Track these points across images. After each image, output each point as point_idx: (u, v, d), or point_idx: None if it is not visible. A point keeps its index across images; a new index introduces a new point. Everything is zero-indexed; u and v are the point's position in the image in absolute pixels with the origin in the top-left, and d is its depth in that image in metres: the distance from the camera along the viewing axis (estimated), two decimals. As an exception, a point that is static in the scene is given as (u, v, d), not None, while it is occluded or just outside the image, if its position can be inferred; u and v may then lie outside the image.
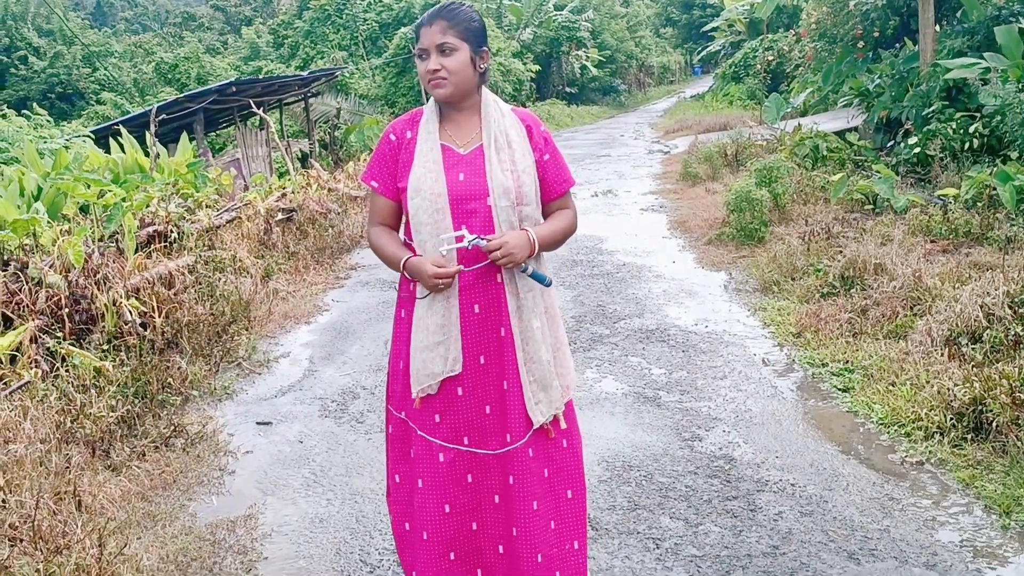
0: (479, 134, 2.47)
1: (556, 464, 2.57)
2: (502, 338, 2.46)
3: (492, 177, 2.40)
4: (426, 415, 2.50)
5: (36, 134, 11.25)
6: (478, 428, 2.49)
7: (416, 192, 2.40)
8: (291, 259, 7.95)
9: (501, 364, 2.47)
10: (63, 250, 5.21)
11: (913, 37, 11.19)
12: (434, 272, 2.34)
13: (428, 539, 2.53)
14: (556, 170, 2.55)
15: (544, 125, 2.59)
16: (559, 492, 2.58)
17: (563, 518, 2.60)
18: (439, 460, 2.50)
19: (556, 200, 2.56)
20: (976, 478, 3.49)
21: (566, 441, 2.58)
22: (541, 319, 2.48)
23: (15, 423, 3.71)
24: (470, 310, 2.43)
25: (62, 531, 3.13)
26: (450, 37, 2.38)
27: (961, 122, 8.50)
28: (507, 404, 2.47)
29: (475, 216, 2.40)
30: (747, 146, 12.53)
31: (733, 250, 7.84)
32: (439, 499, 2.51)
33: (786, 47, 21.29)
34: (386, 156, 2.53)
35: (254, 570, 3.14)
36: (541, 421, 2.48)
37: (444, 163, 2.42)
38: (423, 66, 2.41)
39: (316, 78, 16.76)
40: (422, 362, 2.44)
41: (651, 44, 48.65)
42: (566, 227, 2.56)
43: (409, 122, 2.54)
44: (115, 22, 51.81)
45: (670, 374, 4.93)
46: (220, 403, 4.80)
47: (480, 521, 2.55)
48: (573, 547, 2.61)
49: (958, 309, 4.68)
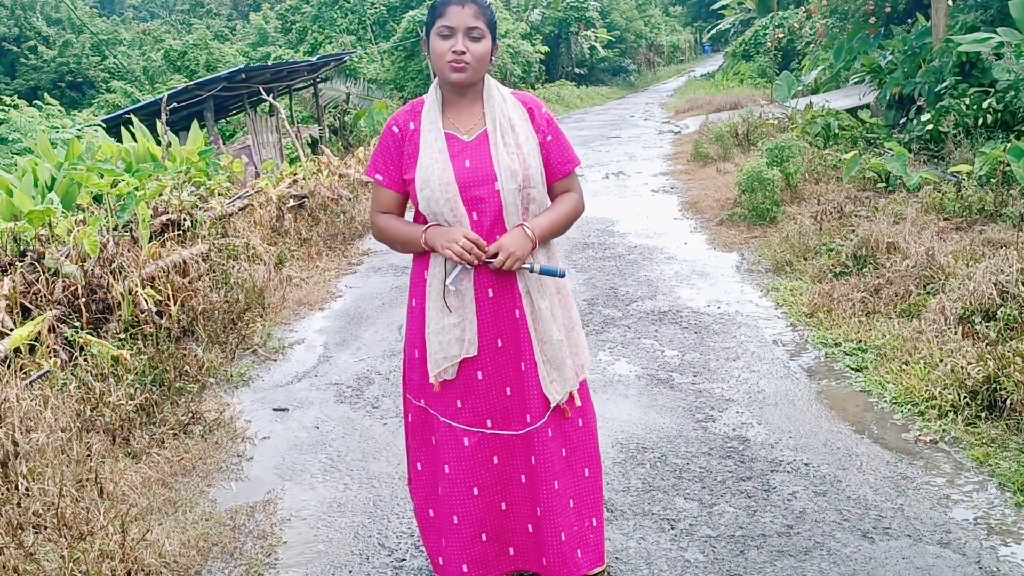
0: (482, 120, 2.47)
1: (573, 443, 2.61)
2: (517, 320, 2.48)
3: (499, 161, 2.40)
4: (448, 401, 2.53)
5: (48, 124, 11.30)
6: (500, 410, 2.52)
7: (425, 183, 2.40)
8: (304, 246, 7.99)
9: (517, 345, 2.49)
10: (78, 240, 5.25)
11: (925, 12, 11.07)
12: (461, 232, 2.35)
13: (459, 523, 2.57)
14: (560, 151, 2.54)
15: (545, 107, 2.59)
16: (576, 471, 2.62)
17: (581, 496, 2.64)
18: (464, 444, 2.53)
19: (560, 181, 2.56)
20: (990, 456, 3.49)
21: (582, 420, 2.62)
22: (551, 299, 2.50)
23: (36, 412, 3.76)
24: (484, 294, 2.45)
25: (85, 518, 3.18)
26: (480, 23, 2.36)
27: (974, 98, 8.42)
28: (525, 385, 2.50)
29: (484, 202, 2.41)
30: (758, 125, 12.47)
31: (745, 230, 7.83)
32: (467, 483, 2.54)
33: (797, 24, 21.11)
34: (390, 149, 2.52)
35: (274, 554, 3.18)
36: (557, 400, 2.51)
37: (449, 151, 2.42)
38: (446, 44, 2.36)
39: (325, 63, 16.73)
40: (438, 344, 2.46)
41: (660, 23, 48.36)
42: (569, 212, 2.55)
43: (411, 113, 2.53)
44: (123, 10, 51.79)
45: (683, 356, 4.94)
46: (237, 390, 4.84)
47: (508, 501, 2.59)
48: (591, 524, 2.66)
49: (972, 287, 4.66)
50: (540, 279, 2.47)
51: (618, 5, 39.85)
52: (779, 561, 2.93)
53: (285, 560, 3.15)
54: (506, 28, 29.09)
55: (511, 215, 2.42)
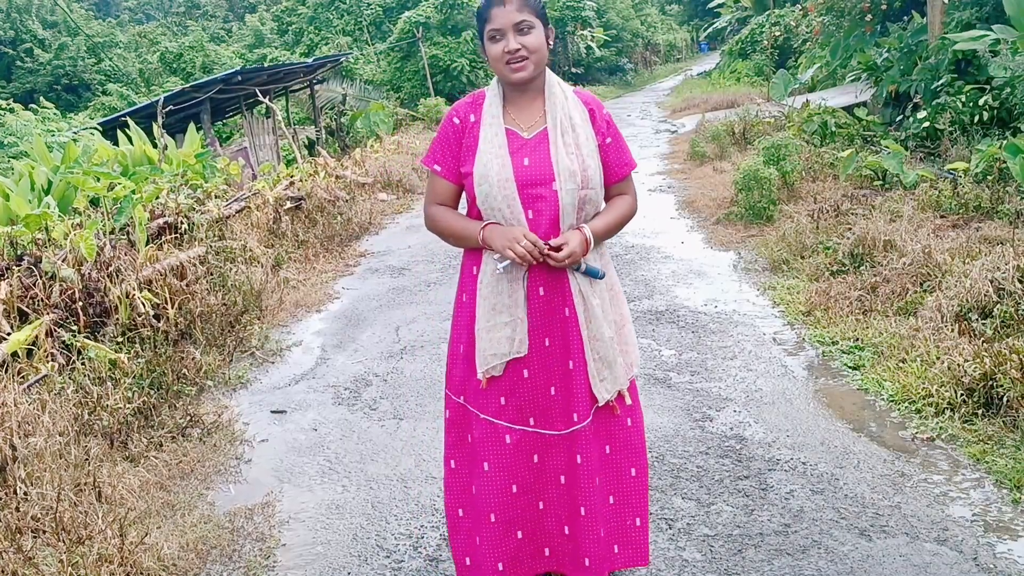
0: (542, 117, 2.44)
1: (619, 441, 2.58)
2: (566, 318, 2.46)
3: (558, 161, 2.37)
4: (491, 397, 2.50)
5: (44, 127, 11.29)
6: (544, 409, 2.50)
7: (483, 179, 2.37)
8: (301, 248, 7.99)
9: (566, 344, 2.47)
10: (75, 244, 5.25)
11: (921, 10, 11.09)
12: (522, 232, 2.31)
13: (496, 520, 2.53)
14: (618, 153, 2.52)
15: (606, 108, 2.55)
16: (623, 469, 2.59)
17: (625, 495, 2.61)
18: (506, 442, 2.51)
19: (617, 183, 2.54)
20: (987, 453, 3.50)
21: (630, 419, 2.59)
22: (602, 296, 2.48)
23: (34, 416, 3.76)
24: (536, 292, 2.43)
25: (83, 522, 3.19)
26: (527, 14, 2.33)
27: (971, 95, 8.44)
28: (572, 383, 2.48)
29: (542, 201, 2.38)
30: (755, 124, 12.47)
31: (742, 229, 7.83)
32: (506, 480, 2.52)
33: (793, 22, 21.09)
34: (449, 139, 2.49)
35: (272, 556, 3.19)
36: (607, 398, 2.49)
37: (509, 148, 2.40)
38: (497, 48, 2.34)
39: (321, 65, 16.75)
40: (489, 342, 2.44)
41: (657, 22, 48.37)
42: (623, 215, 2.54)
43: (472, 105, 2.50)
44: (119, 12, 51.74)
45: (680, 355, 4.95)
46: (235, 392, 4.85)
47: (546, 501, 2.57)
48: (635, 523, 2.62)
49: (968, 284, 4.67)
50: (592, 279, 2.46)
51: (614, 4, 39.87)
52: (777, 560, 2.94)
53: (284, 562, 3.15)
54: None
55: (567, 215, 2.39)
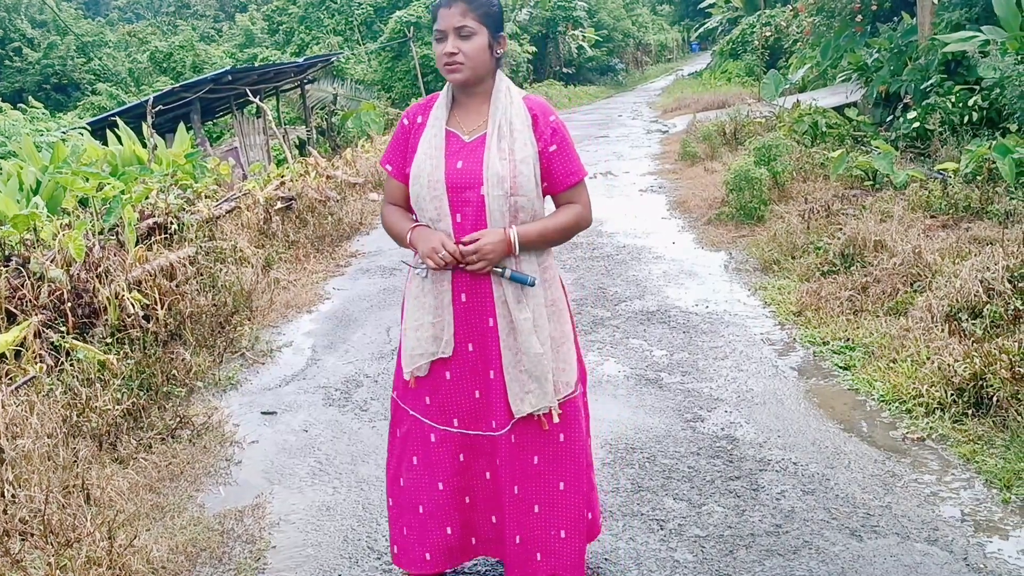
0: (486, 122, 2.45)
1: (548, 454, 2.57)
2: (490, 328, 2.47)
3: (488, 166, 2.37)
4: (418, 396, 2.58)
5: (32, 127, 11.23)
6: (467, 411, 2.55)
7: (415, 179, 2.42)
8: (291, 248, 7.96)
9: (486, 354, 2.49)
10: (64, 244, 5.22)
11: (911, 10, 11.12)
12: (442, 241, 2.35)
13: (424, 512, 2.61)
14: (564, 162, 2.47)
15: (555, 116, 2.51)
16: (549, 481, 2.58)
17: (550, 506, 2.59)
18: (431, 440, 2.58)
19: (564, 193, 2.49)
20: (977, 453, 3.51)
21: (563, 435, 2.56)
22: (537, 311, 2.45)
23: (22, 418, 3.74)
24: (458, 299, 2.47)
25: (72, 524, 3.16)
26: (469, 20, 2.35)
27: (960, 95, 8.47)
28: (492, 393, 2.51)
29: (469, 205, 2.39)
30: (746, 124, 12.50)
31: (733, 230, 7.84)
32: (433, 477, 2.59)
33: (784, 22, 21.16)
34: (400, 140, 2.56)
35: (263, 559, 3.17)
36: (527, 411, 2.46)
37: (446, 150, 2.42)
38: (439, 48, 2.40)
39: (312, 64, 16.71)
40: (416, 341, 2.49)
41: (648, 22, 48.47)
42: (566, 223, 2.48)
43: (423, 107, 2.54)
44: (108, 11, 51.54)
45: (671, 355, 4.95)
46: (225, 394, 4.82)
47: (473, 495, 2.63)
48: (559, 535, 2.60)
49: (958, 284, 4.69)
50: (521, 290, 2.43)
51: (606, 4, 39.91)
52: (768, 560, 2.94)
53: (274, 565, 3.13)
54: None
55: (495, 222, 2.38)
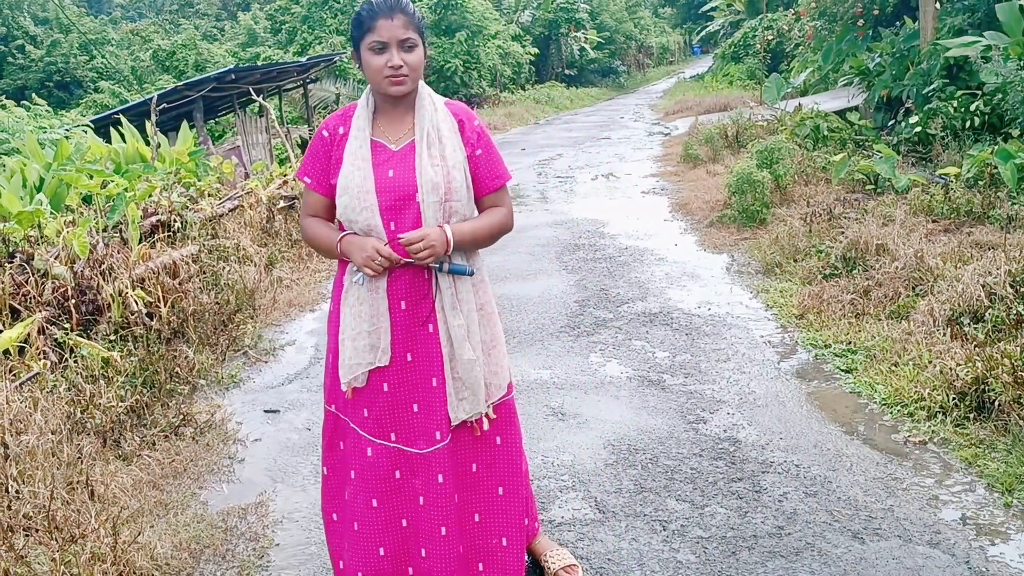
0: (411, 129, 2.44)
1: (486, 459, 2.57)
2: (430, 335, 2.45)
3: (421, 173, 2.37)
4: (356, 408, 2.51)
5: (36, 124, 11.23)
6: (405, 425, 2.49)
7: (344, 190, 2.38)
8: (294, 247, 7.97)
9: (429, 361, 2.46)
10: (68, 241, 5.23)
11: (913, 15, 11.14)
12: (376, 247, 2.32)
13: (359, 530, 2.53)
14: (489, 166, 2.51)
15: (478, 120, 2.55)
16: (488, 487, 2.58)
17: (491, 513, 2.59)
18: (367, 455, 2.51)
19: (489, 195, 2.53)
20: (978, 457, 3.52)
21: (500, 438, 2.58)
22: (470, 316, 2.46)
23: (26, 414, 3.74)
24: (397, 305, 2.43)
25: (76, 520, 3.17)
26: (411, 32, 2.35)
27: (962, 100, 8.48)
28: (435, 401, 2.46)
29: (404, 212, 2.38)
30: (748, 127, 12.51)
31: (735, 232, 7.86)
32: (367, 493, 2.51)
33: (786, 26, 21.17)
34: (319, 153, 2.50)
35: (266, 556, 3.18)
36: (462, 418, 2.47)
37: (374, 160, 2.40)
38: (381, 60, 2.35)
39: (315, 64, 16.70)
40: (353, 350, 2.43)
41: (650, 24, 48.53)
42: (493, 224, 2.51)
43: (342, 118, 2.50)
44: (111, 9, 51.53)
45: (674, 357, 4.96)
46: (228, 392, 4.83)
47: (409, 519, 2.54)
48: (500, 543, 2.60)
49: (960, 289, 4.70)
50: (456, 295, 2.44)
51: (608, 7, 39.95)
52: (770, 562, 2.95)
53: (277, 562, 3.14)
54: (496, 29, 29.11)
55: (430, 227, 2.38)
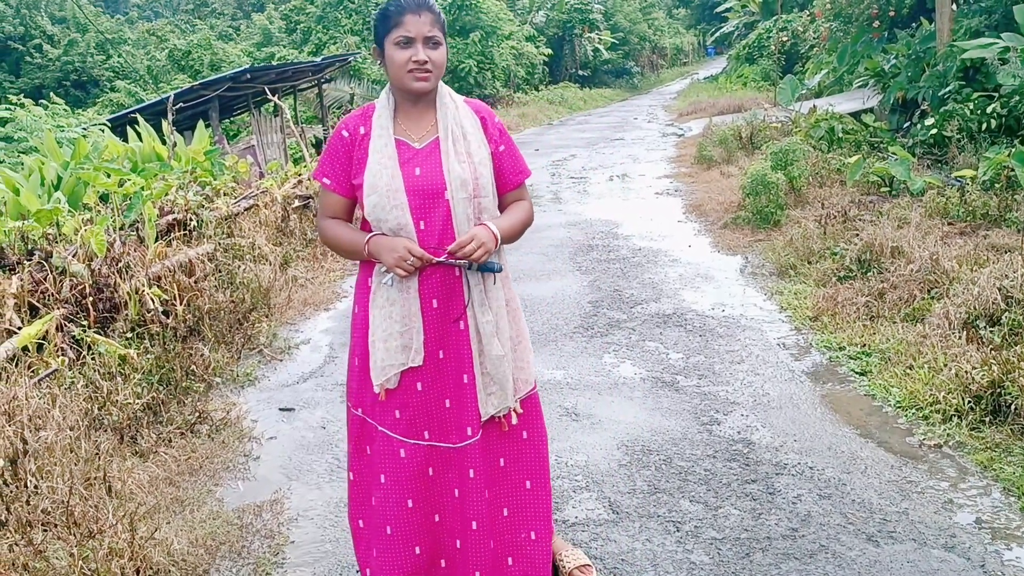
0: (434, 127, 2.45)
1: (513, 454, 2.59)
2: (461, 332, 2.46)
3: (449, 170, 2.38)
4: (387, 410, 2.50)
5: (54, 123, 11.32)
6: (438, 422, 2.50)
7: (372, 189, 2.37)
8: (309, 246, 8.00)
9: (459, 358, 2.47)
10: (85, 239, 5.27)
11: (929, 16, 11.09)
12: (408, 247, 2.31)
13: (393, 534, 2.53)
14: (511, 161, 2.54)
15: (497, 116, 2.59)
16: (516, 481, 2.60)
17: (519, 508, 2.61)
18: (400, 456, 2.50)
19: (511, 191, 2.56)
20: (994, 461, 3.51)
21: (526, 433, 2.60)
22: (499, 313, 2.48)
23: (44, 410, 3.77)
24: (429, 304, 2.43)
25: (94, 516, 3.20)
26: (437, 30, 2.37)
27: (979, 102, 8.44)
28: (466, 397, 2.48)
29: (434, 211, 2.39)
30: (762, 128, 12.48)
31: (749, 234, 7.84)
32: (402, 494, 2.51)
33: (800, 27, 21.11)
34: (339, 153, 2.49)
35: (281, 554, 3.20)
36: (491, 413, 2.49)
37: (399, 158, 2.40)
38: (406, 54, 2.35)
39: (329, 64, 16.75)
40: (385, 352, 2.43)
41: (664, 25, 48.43)
42: (524, 219, 2.56)
43: (362, 118, 2.50)
44: (127, 9, 51.83)
45: (687, 359, 4.96)
46: (243, 390, 4.86)
47: (442, 514, 2.56)
48: (529, 537, 2.61)
49: (976, 292, 4.68)
50: (485, 292, 2.45)
51: (622, 7, 39.91)
52: (784, 564, 2.94)
53: (292, 559, 3.17)
54: (510, 30, 29.12)
55: (461, 224, 2.39)
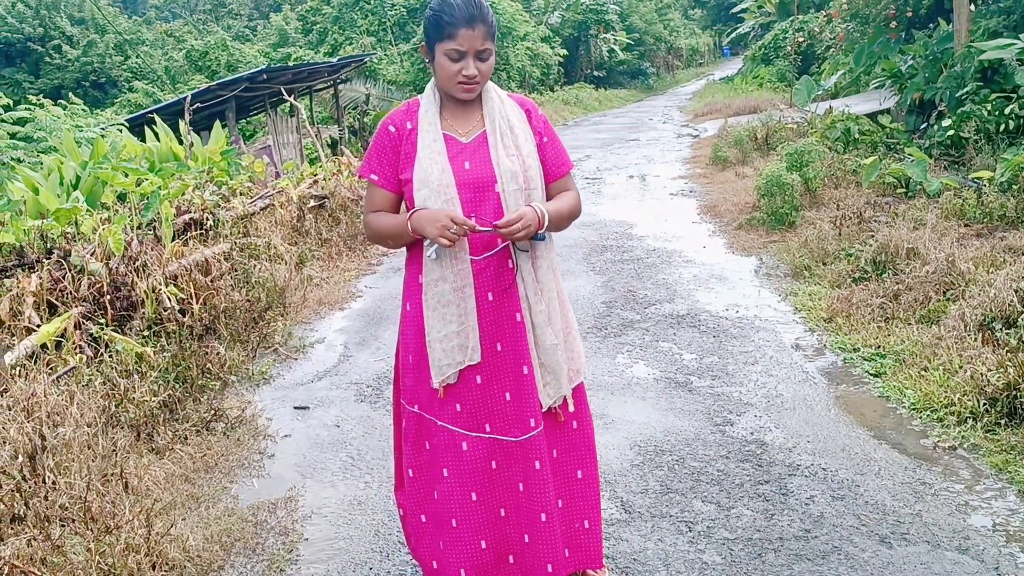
0: (480, 121, 2.47)
1: (564, 444, 2.61)
2: (517, 324, 2.47)
3: (499, 163, 2.40)
4: (447, 405, 2.51)
5: (73, 123, 11.42)
6: (499, 415, 2.51)
7: (423, 184, 2.39)
8: (324, 246, 8.05)
9: (518, 349, 2.48)
10: (104, 238, 5.32)
11: (947, 17, 11.02)
12: (451, 215, 2.30)
13: (458, 527, 2.54)
14: (555, 153, 2.56)
15: (540, 110, 2.61)
16: (568, 472, 2.62)
17: (572, 498, 2.63)
18: (463, 449, 2.51)
19: (556, 182, 2.56)
20: (1009, 463, 3.49)
21: (576, 423, 2.62)
22: (550, 303, 2.49)
23: (63, 407, 3.82)
24: (484, 298, 2.44)
25: (111, 512, 3.24)
26: (488, 42, 2.37)
27: (996, 103, 8.38)
28: (526, 389, 2.48)
29: (485, 204, 2.40)
30: (777, 129, 12.44)
31: (764, 235, 7.82)
32: (465, 487, 2.52)
33: (817, 28, 21.04)
34: (386, 148, 2.50)
35: (295, 551, 3.23)
36: (548, 403, 2.51)
37: (448, 153, 2.42)
38: (456, 67, 2.36)
39: (345, 64, 16.81)
40: (442, 352, 2.44)
41: (680, 26, 48.33)
42: (572, 205, 2.55)
43: (407, 113, 2.52)
44: (145, 10, 52.15)
45: (701, 359, 4.96)
46: (258, 388, 4.90)
47: (507, 508, 2.56)
48: (583, 526, 2.64)
49: (992, 294, 4.65)
50: (537, 280, 2.46)
51: (638, 8, 39.85)
52: (796, 565, 2.94)
53: (306, 556, 3.19)
54: (526, 31, 29.13)
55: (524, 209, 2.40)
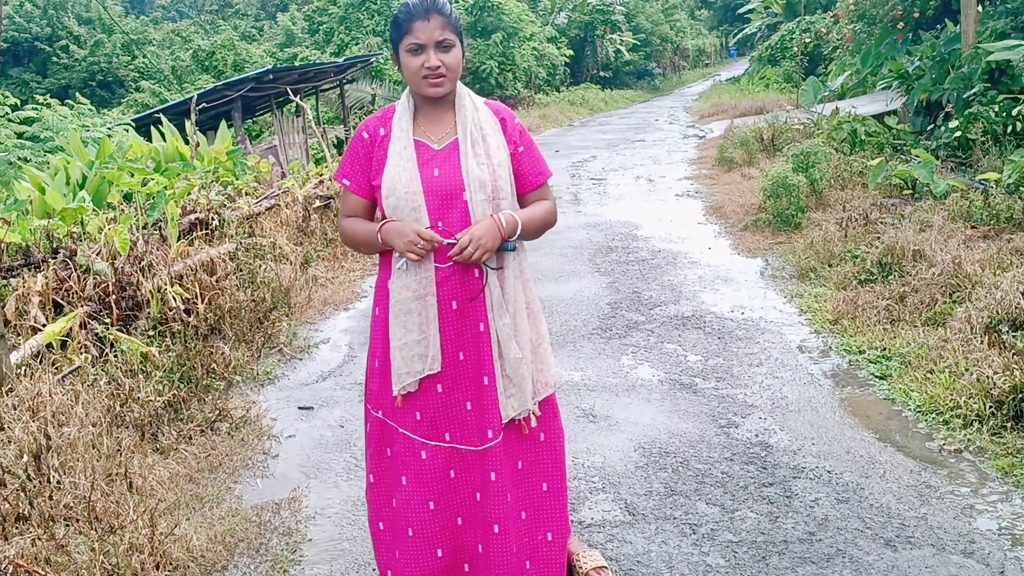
0: (453, 128, 2.45)
1: (530, 456, 2.59)
2: (481, 333, 2.45)
3: (468, 172, 2.38)
4: (407, 413, 2.50)
5: (79, 123, 11.45)
6: (459, 424, 2.49)
7: (391, 191, 2.39)
8: (329, 246, 8.05)
9: (479, 360, 2.46)
10: (109, 238, 5.33)
11: (954, 18, 10.99)
12: (418, 231, 2.30)
13: (414, 536, 2.53)
14: (531, 162, 2.54)
15: (518, 118, 2.58)
16: (532, 484, 2.60)
17: (536, 510, 2.61)
18: (421, 458, 2.50)
19: (532, 192, 2.55)
20: (1015, 466, 3.48)
21: (544, 435, 2.60)
22: (517, 315, 2.47)
23: (67, 406, 3.83)
24: (448, 307, 2.43)
25: (115, 511, 3.24)
26: (448, 33, 2.36)
27: (1004, 105, 8.35)
28: (486, 399, 2.47)
29: (452, 212, 2.39)
30: (784, 130, 12.42)
31: (769, 236, 7.81)
32: (423, 496, 2.51)
33: (824, 29, 21.01)
34: (359, 154, 2.50)
35: (299, 551, 3.23)
36: (511, 416, 2.49)
37: (418, 160, 2.41)
38: (417, 61, 2.35)
39: (351, 65, 16.83)
40: (402, 360, 2.44)
41: (686, 27, 48.28)
42: (543, 216, 2.54)
43: (382, 119, 2.51)
44: (152, 10, 52.28)
45: (706, 361, 4.95)
46: (263, 388, 4.90)
47: (464, 516, 2.56)
48: (546, 538, 2.62)
49: (999, 296, 4.63)
50: (503, 294, 2.44)
51: (644, 9, 39.81)
52: (801, 568, 2.93)
53: (310, 557, 3.19)
54: (532, 31, 29.14)
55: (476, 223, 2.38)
